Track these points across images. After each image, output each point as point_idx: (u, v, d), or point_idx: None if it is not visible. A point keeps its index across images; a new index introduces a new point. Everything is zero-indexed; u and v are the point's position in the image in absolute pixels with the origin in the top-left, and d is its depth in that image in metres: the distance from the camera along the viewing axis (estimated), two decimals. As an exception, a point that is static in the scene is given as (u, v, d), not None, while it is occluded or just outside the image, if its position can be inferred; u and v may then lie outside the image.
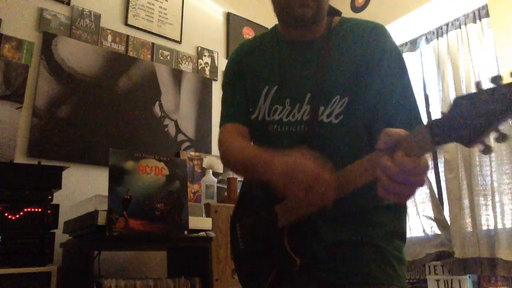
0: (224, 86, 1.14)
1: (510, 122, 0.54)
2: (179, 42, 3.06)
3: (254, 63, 1.08)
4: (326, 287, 0.94)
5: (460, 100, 0.57)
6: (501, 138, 0.55)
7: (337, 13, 1.06)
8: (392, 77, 0.95)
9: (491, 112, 0.53)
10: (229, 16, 3.42)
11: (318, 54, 0.99)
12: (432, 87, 2.89)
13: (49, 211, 1.82)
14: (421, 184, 0.66)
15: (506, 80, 0.52)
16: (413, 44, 3.02)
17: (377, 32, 0.99)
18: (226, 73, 1.15)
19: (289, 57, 1.03)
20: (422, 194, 2.75)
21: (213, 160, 2.82)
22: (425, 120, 0.71)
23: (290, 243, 0.91)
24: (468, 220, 2.47)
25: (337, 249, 0.93)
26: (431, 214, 2.68)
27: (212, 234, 2.04)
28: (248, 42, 1.16)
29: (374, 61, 0.95)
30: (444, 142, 0.60)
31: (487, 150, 0.56)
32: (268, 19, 1.40)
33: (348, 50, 0.98)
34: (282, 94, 1.00)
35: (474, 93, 0.55)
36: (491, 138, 0.56)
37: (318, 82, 0.95)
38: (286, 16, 1.00)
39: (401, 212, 0.99)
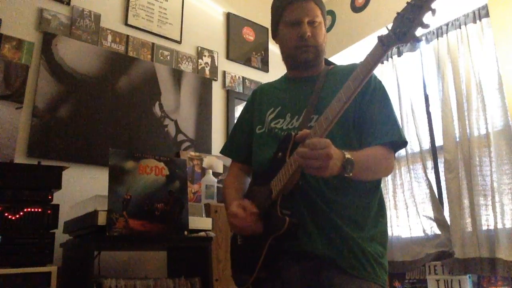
0: (240, 114, 1.43)
1: (428, 15, 0.82)
2: (179, 42, 3.06)
3: (264, 96, 1.36)
4: (309, 261, 1.07)
5: (397, 15, 0.87)
6: (425, 26, 0.83)
7: (333, 64, 1.32)
8: (376, 104, 1.16)
9: (414, 10, 0.84)
10: (229, 16, 3.42)
11: (314, 84, 1.23)
12: (432, 87, 2.89)
13: (49, 211, 1.82)
14: (328, 156, 0.89)
15: None
16: (413, 44, 3.01)
17: None
18: (245, 104, 1.44)
19: (291, 88, 1.29)
20: (422, 194, 2.75)
21: (213, 160, 2.81)
22: (406, 134, 0.89)
23: (281, 207, 1.06)
24: (468, 220, 2.46)
25: (323, 225, 1.07)
26: (431, 214, 2.67)
27: (212, 234, 2.04)
28: (264, 84, 1.45)
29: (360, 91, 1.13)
30: (389, 45, 0.89)
31: (417, 40, 0.85)
32: (268, 19, 1.42)
33: (339, 80, 1.18)
34: (284, 111, 1.24)
35: (404, 8, 0.86)
36: (419, 29, 0.84)
37: (313, 99, 1.19)
38: (293, 62, 1.27)
39: (379, 216, 1.15)
